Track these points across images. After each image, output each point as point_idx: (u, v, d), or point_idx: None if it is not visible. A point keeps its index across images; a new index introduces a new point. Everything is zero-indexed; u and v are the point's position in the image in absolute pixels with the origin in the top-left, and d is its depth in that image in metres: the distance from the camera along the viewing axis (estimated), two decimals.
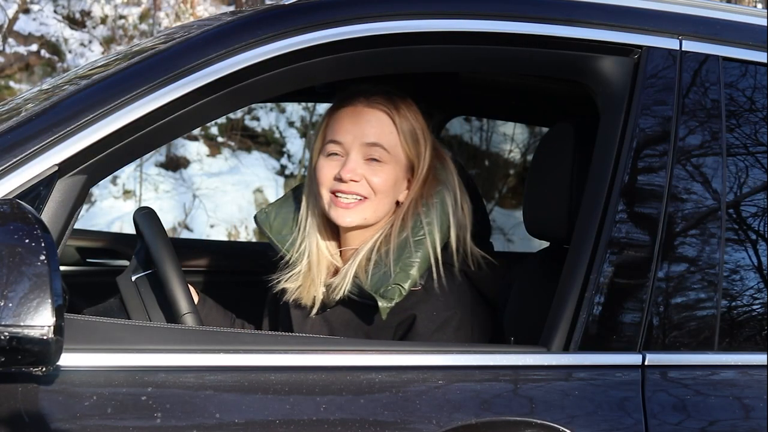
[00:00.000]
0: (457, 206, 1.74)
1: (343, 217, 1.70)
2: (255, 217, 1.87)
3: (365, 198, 1.69)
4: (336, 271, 1.78)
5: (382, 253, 1.68)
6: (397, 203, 1.76)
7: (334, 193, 1.70)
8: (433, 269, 1.67)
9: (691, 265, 1.57)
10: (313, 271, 1.75)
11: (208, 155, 7.42)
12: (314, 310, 1.74)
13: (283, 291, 1.78)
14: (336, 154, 1.71)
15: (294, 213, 1.83)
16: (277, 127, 7.87)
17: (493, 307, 1.83)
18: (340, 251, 1.79)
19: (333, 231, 1.80)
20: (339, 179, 1.68)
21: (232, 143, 7.59)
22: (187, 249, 2.85)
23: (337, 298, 1.71)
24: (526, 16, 1.58)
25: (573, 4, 1.63)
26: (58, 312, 1.17)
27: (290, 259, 1.79)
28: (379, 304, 1.60)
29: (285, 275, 1.78)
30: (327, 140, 1.72)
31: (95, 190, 6.78)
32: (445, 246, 1.73)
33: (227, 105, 1.54)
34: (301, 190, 1.84)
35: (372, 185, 1.69)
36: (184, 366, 1.35)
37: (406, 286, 1.62)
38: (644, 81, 1.59)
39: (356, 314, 1.72)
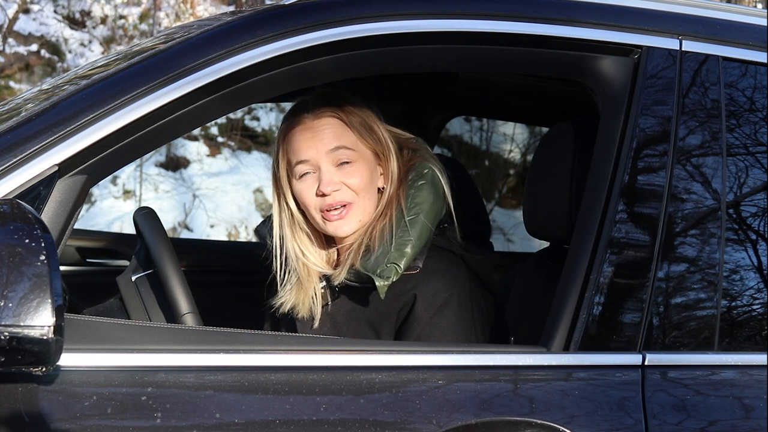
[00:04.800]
0: (446, 183, 1.77)
1: (341, 227, 1.73)
2: (255, 231, 1.91)
3: (351, 203, 1.73)
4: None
5: (375, 238, 1.71)
6: (380, 190, 1.78)
7: (323, 210, 1.73)
8: (427, 250, 1.69)
9: (691, 265, 1.57)
10: (305, 283, 1.77)
11: (208, 155, 7.42)
12: (317, 318, 1.75)
13: (281, 305, 1.79)
14: (308, 172, 1.74)
15: None
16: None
17: (492, 294, 1.84)
18: (336, 249, 1.81)
19: (319, 239, 1.82)
20: (322, 195, 1.72)
21: (232, 143, 7.59)
22: (187, 249, 2.86)
23: (336, 284, 1.73)
24: (526, 16, 1.58)
25: (573, 4, 1.63)
26: (58, 312, 1.17)
27: (279, 276, 1.80)
28: (377, 283, 1.62)
29: (278, 294, 1.80)
30: (293, 163, 1.75)
31: (95, 190, 6.78)
32: (442, 231, 1.77)
33: (227, 105, 1.54)
34: None
35: (352, 188, 1.73)
36: (184, 366, 1.35)
37: (402, 264, 1.64)
38: (644, 81, 1.59)
39: (358, 303, 1.73)
